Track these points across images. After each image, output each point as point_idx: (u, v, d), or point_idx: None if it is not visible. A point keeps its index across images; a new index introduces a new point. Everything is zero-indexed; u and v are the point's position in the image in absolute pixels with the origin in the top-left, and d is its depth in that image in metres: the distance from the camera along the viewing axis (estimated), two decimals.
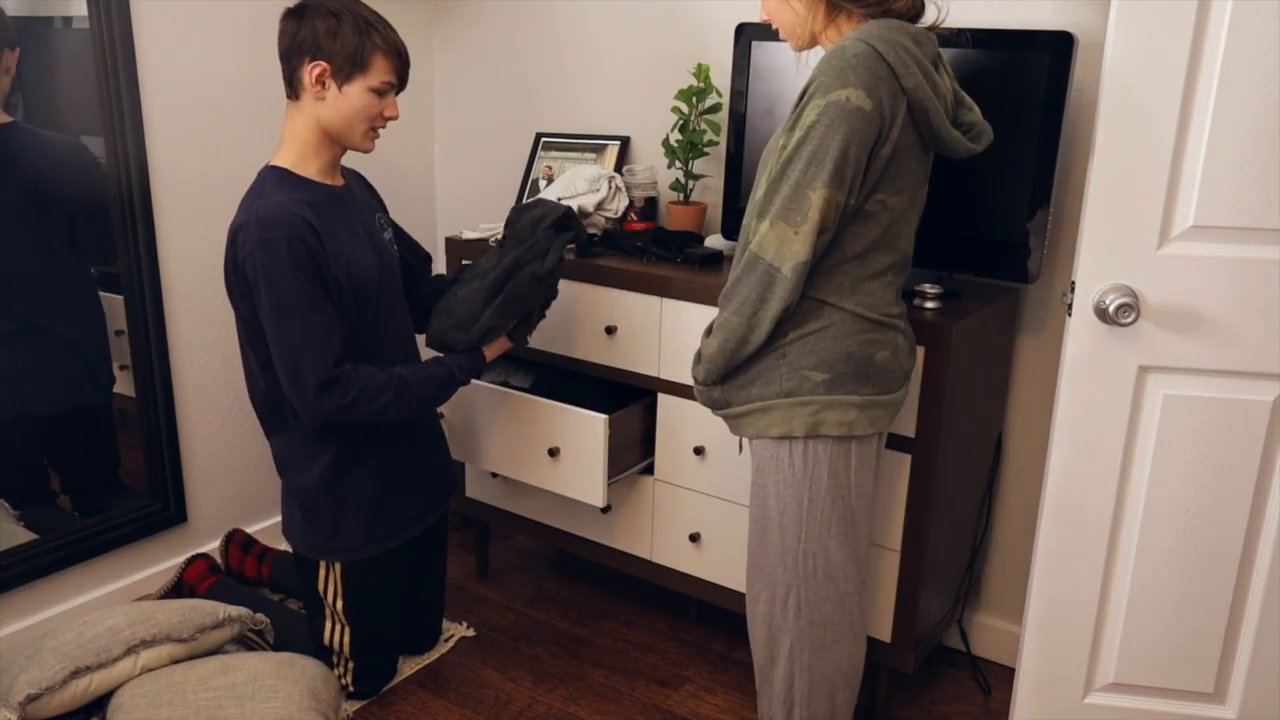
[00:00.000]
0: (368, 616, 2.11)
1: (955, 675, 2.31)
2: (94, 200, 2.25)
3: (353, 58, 1.84)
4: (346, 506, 2.03)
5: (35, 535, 2.25)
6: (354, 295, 1.93)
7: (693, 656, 2.36)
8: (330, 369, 1.84)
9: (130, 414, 2.40)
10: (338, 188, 1.99)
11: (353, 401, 1.87)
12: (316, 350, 1.84)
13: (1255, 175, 1.56)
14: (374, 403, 1.89)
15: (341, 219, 1.94)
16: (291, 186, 1.90)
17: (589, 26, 2.62)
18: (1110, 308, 1.63)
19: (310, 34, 1.83)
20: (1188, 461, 1.71)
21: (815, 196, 1.48)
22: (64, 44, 2.18)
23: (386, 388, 1.90)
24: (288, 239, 1.81)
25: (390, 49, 1.88)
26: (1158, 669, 1.82)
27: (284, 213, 1.82)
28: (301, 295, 1.82)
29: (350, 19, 1.84)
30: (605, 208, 2.38)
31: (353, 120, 1.89)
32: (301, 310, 1.83)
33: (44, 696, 1.90)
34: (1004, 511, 2.30)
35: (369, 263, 1.97)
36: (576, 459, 2.19)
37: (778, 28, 1.67)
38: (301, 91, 1.88)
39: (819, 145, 1.47)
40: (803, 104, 1.51)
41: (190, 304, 2.45)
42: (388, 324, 2.04)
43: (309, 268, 1.83)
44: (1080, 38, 1.88)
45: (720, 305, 1.64)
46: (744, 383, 1.66)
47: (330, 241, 1.88)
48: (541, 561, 2.78)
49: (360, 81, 1.86)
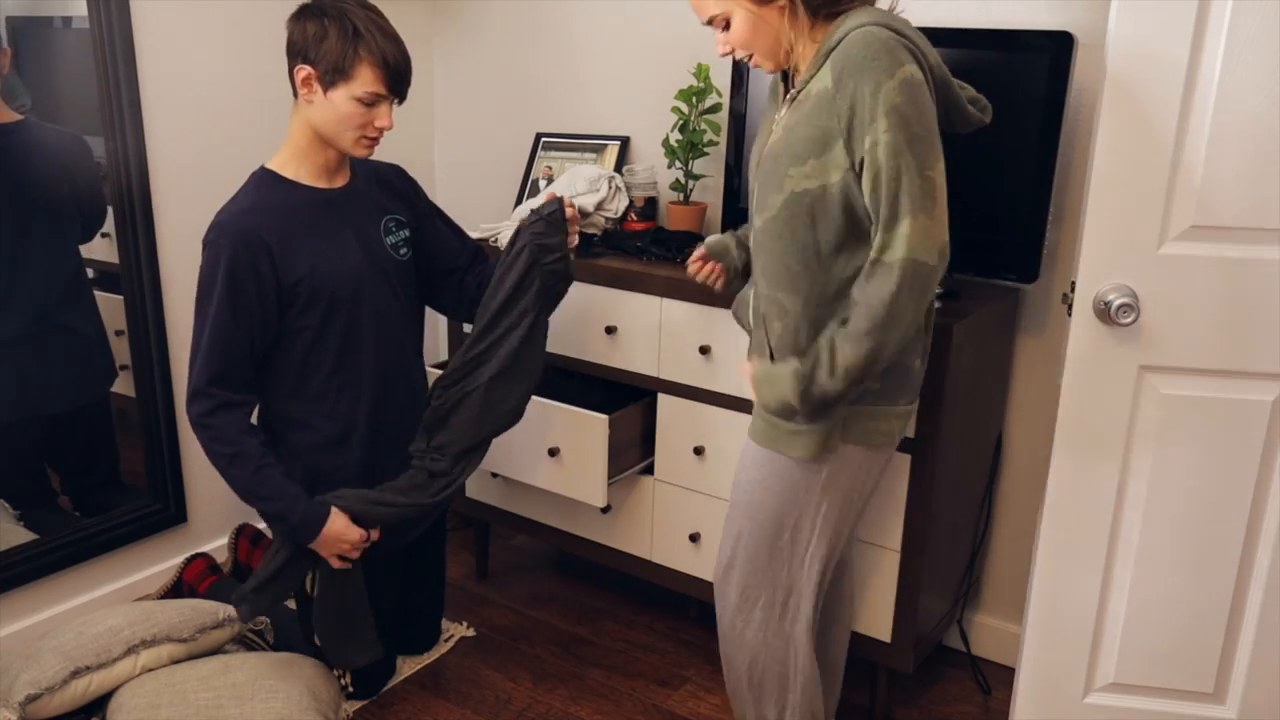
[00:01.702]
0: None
1: (955, 675, 2.31)
2: (103, 197, 2.27)
3: (337, 65, 1.81)
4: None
5: (35, 535, 2.25)
6: (319, 301, 1.91)
7: (693, 656, 2.36)
8: (204, 384, 1.85)
9: (130, 414, 2.40)
10: (332, 190, 1.96)
11: (204, 427, 1.86)
12: (207, 358, 1.85)
13: (1255, 175, 1.56)
14: (215, 448, 1.87)
15: (323, 223, 1.92)
16: (269, 189, 1.90)
17: (589, 26, 2.62)
18: (1110, 308, 1.63)
19: (300, 37, 1.83)
20: (1188, 461, 1.71)
21: (936, 175, 1.41)
22: (64, 44, 2.18)
23: (229, 451, 1.86)
24: (231, 253, 1.82)
25: (378, 59, 1.81)
26: (1158, 669, 1.82)
27: (237, 223, 1.84)
28: (221, 306, 1.83)
29: (338, 25, 1.79)
30: (605, 208, 2.38)
31: (339, 127, 1.87)
32: (213, 318, 1.84)
33: (44, 696, 1.90)
34: (1004, 511, 2.30)
35: (348, 268, 1.93)
36: (577, 459, 2.19)
37: (747, 56, 1.58)
38: (297, 93, 1.88)
39: (917, 124, 1.38)
40: (853, 94, 1.40)
41: (190, 304, 2.44)
42: (366, 331, 1.97)
43: (240, 285, 1.83)
44: (1080, 38, 1.88)
45: (862, 325, 1.45)
46: None
47: (290, 250, 1.87)
48: (541, 561, 2.78)
49: (344, 89, 1.83)
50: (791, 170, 1.49)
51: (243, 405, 1.89)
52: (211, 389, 1.85)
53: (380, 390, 2.01)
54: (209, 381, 1.85)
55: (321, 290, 1.90)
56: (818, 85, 1.47)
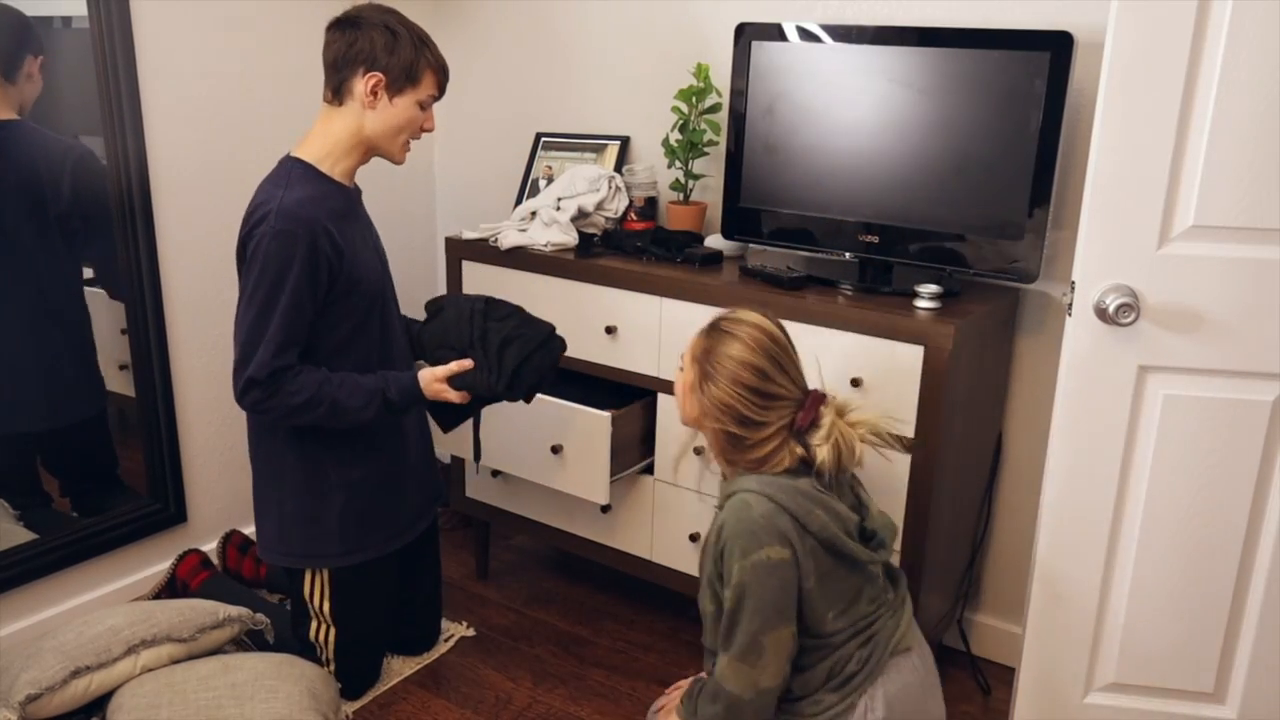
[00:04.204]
0: (354, 619, 2.11)
1: (955, 675, 2.31)
2: (97, 205, 2.25)
3: (407, 71, 1.90)
4: (331, 512, 2.02)
5: (35, 535, 2.25)
6: (367, 296, 1.96)
7: (693, 656, 2.36)
8: (267, 372, 1.84)
9: (130, 414, 2.40)
10: (353, 191, 2.02)
11: (271, 405, 1.87)
12: (272, 349, 1.84)
13: (1255, 175, 1.56)
14: (296, 408, 1.88)
15: (354, 222, 1.98)
16: (315, 182, 1.92)
17: (589, 26, 2.62)
18: (1110, 308, 1.63)
19: (368, 45, 1.88)
20: (1188, 461, 1.71)
21: (767, 640, 1.53)
22: (64, 44, 2.18)
23: (314, 403, 1.88)
24: (309, 241, 1.83)
25: (438, 65, 1.95)
26: (1158, 669, 1.82)
27: (308, 212, 1.85)
28: (292, 296, 1.83)
29: (407, 35, 1.90)
30: (605, 208, 2.38)
31: (397, 131, 1.95)
32: (285, 309, 1.83)
33: (44, 696, 1.90)
34: (1004, 511, 2.30)
35: (376, 267, 2.02)
36: (579, 456, 2.19)
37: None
38: (348, 99, 1.91)
39: (759, 600, 1.52)
40: (725, 561, 1.56)
41: (190, 304, 2.45)
42: (391, 326, 2.06)
43: (314, 274, 1.85)
44: (1080, 38, 1.88)
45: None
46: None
47: (347, 246, 1.91)
48: (541, 561, 2.78)
49: (410, 94, 1.92)
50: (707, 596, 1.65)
51: (289, 368, 1.89)
52: (273, 374, 1.85)
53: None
54: (272, 373, 1.84)
55: (365, 284, 1.95)
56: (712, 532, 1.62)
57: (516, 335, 1.99)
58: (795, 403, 1.59)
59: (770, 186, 2.19)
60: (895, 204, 2.05)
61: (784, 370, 1.59)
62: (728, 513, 1.58)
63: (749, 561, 1.53)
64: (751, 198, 2.22)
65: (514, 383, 1.97)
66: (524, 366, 1.97)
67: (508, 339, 1.98)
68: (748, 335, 1.59)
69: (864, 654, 1.59)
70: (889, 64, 2.00)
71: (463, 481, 2.57)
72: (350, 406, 1.91)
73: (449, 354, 2.00)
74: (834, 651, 1.59)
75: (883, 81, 2.01)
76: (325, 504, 2.02)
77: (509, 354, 1.97)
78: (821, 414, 1.58)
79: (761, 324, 1.61)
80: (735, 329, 1.60)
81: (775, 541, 1.52)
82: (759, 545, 1.52)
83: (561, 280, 2.27)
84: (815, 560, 1.55)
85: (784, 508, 1.54)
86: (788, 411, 1.58)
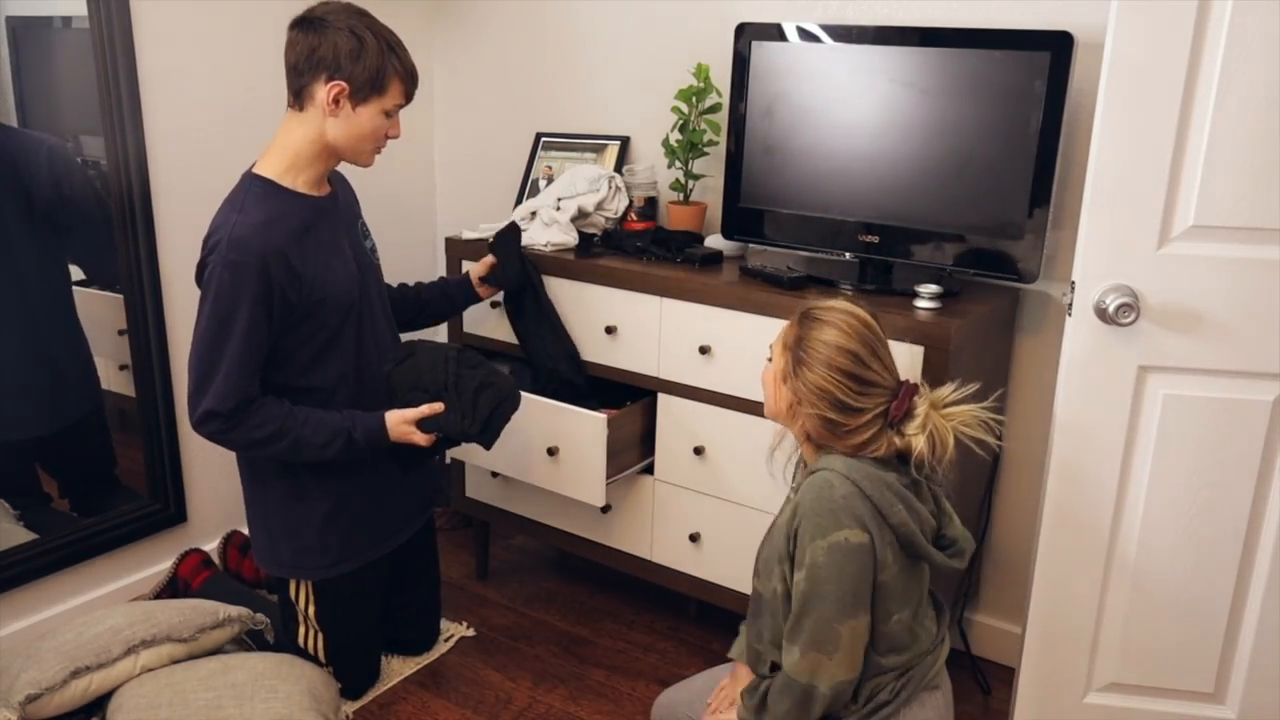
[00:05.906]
0: (341, 624, 2.11)
1: (955, 675, 2.30)
2: (83, 205, 2.24)
3: (372, 80, 1.82)
4: (312, 525, 2.01)
5: (35, 535, 2.25)
6: (333, 312, 1.91)
7: (693, 656, 2.36)
8: (230, 405, 1.82)
9: (130, 414, 2.40)
10: (322, 198, 1.95)
11: (231, 437, 1.86)
12: (233, 380, 1.81)
13: (1255, 175, 1.56)
14: (257, 441, 1.87)
15: (322, 233, 1.92)
16: (274, 200, 1.86)
17: (589, 26, 2.62)
18: (1110, 308, 1.63)
19: (331, 51, 1.80)
20: (1188, 461, 1.71)
21: (844, 629, 1.49)
22: (64, 44, 2.18)
23: (277, 436, 1.87)
24: (260, 269, 1.78)
25: (407, 73, 1.87)
26: (1158, 669, 1.82)
27: (258, 239, 1.79)
28: (246, 324, 1.80)
29: (374, 41, 1.81)
30: (605, 208, 2.38)
31: (361, 140, 1.88)
32: (237, 340, 1.80)
33: (44, 696, 1.90)
34: (1004, 511, 2.30)
35: (348, 276, 1.95)
36: (576, 459, 2.19)
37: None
38: (309, 105, 1.85)
39: (837, 585, 1.48)
40: (799, 541, 1.51)
41: (190, 304, 2.43)
42: (370, 335, 2.01)
43: (267, 303, 1.81)
44: (1080, 38, 1.88)
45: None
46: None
47: (304, 265, 1.85)
48: (541, 561, 2.78)
49: (375, 104, 1.85)
50: (774, 579, 1.59)
51: (251, 401, 1.87)
52: (231, 408, 1.82)
53: (364, 389, 2.02)
54: (235, 406, 1.82)
55: (335, 301, 1.91)
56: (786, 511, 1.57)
57: (489, 383, 2.01)
58: (890, 391, 1.55)
59: (770, 186, 2.19)
60: (895, 204, 2.05)
61: (878, 357, 1.55)
62: (806, 489, 1.53)
63: (825, 543, 1.47)
64: (751, 198, 2.22)
65: (485, 428, 2.00)
66: (495, 413, 2.01)
67: (482, 385, 2.00)
68: (842, 321, 1.55)
69: (897, 685, 1.57)
70: (889, 64, 2.00)
71: (463, 482, 2.57)
72: (313, 444, 1.89)
73: (421, 396, 1.99)
74: (874, 677, 1.56)
75: (883, 82, 2.02)
76: (306, 517, 2.01)
77: (483, 399, 1.99)
78: (915, 404, 1.54)
79: (855, 311, 1.57)
80: (828, 315, 1.56)
81: (854, 524, 1.47)
82: (837, 526, 1.47)
83: (562, 280, 2.27)
84: (893, 554, 1.51)
85: (866, 495, 1.49)
86: (883, 400, 1.54)
